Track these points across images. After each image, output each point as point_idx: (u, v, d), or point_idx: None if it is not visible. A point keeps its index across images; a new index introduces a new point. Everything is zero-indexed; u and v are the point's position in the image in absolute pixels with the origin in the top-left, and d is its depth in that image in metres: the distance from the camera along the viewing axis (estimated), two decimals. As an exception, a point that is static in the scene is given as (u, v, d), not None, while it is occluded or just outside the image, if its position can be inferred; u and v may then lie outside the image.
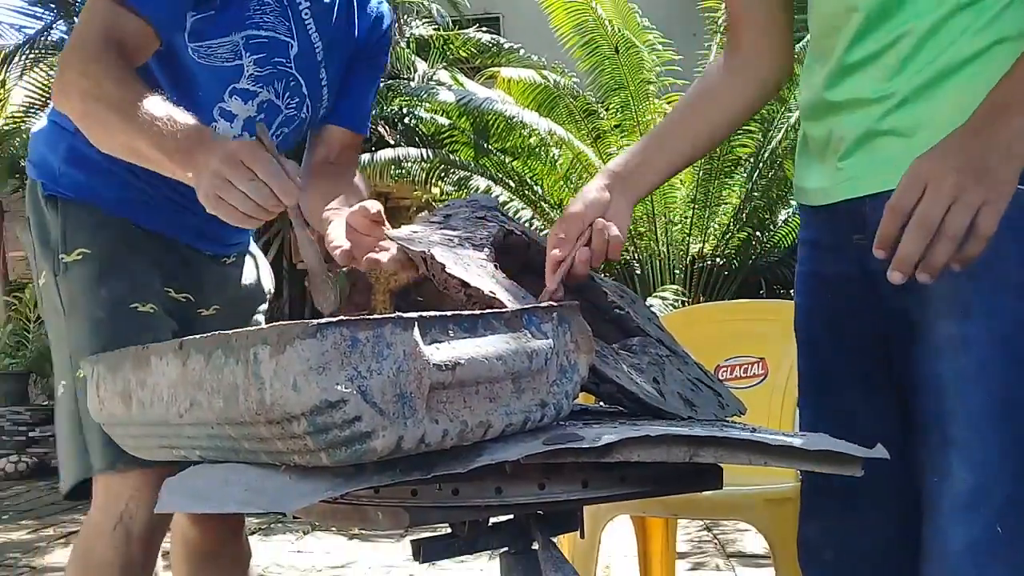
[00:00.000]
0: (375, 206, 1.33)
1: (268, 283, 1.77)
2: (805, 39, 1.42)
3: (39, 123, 1.60)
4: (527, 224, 6.13)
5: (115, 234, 1.51)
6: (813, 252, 1.28)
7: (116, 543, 1.43)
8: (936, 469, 1.10)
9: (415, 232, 1.34)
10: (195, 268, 1.60)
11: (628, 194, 1.29)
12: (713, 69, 1.37)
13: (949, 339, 1.08)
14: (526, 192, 6.51)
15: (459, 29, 8.00)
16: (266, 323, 1.73)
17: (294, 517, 1.54)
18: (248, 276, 1.72)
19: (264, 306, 1.76)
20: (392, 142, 7.02)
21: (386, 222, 1.35)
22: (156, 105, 1.25)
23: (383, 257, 1.32)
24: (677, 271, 6.11)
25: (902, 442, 1.18)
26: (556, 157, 6.46)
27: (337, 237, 1.39)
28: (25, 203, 1.61)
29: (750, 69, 1.33)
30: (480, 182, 6.38)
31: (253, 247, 1.77)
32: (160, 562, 1.55)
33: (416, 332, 0.87)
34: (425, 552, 1.10)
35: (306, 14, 1.54)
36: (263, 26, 1.49)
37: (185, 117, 1.25)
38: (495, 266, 1.28)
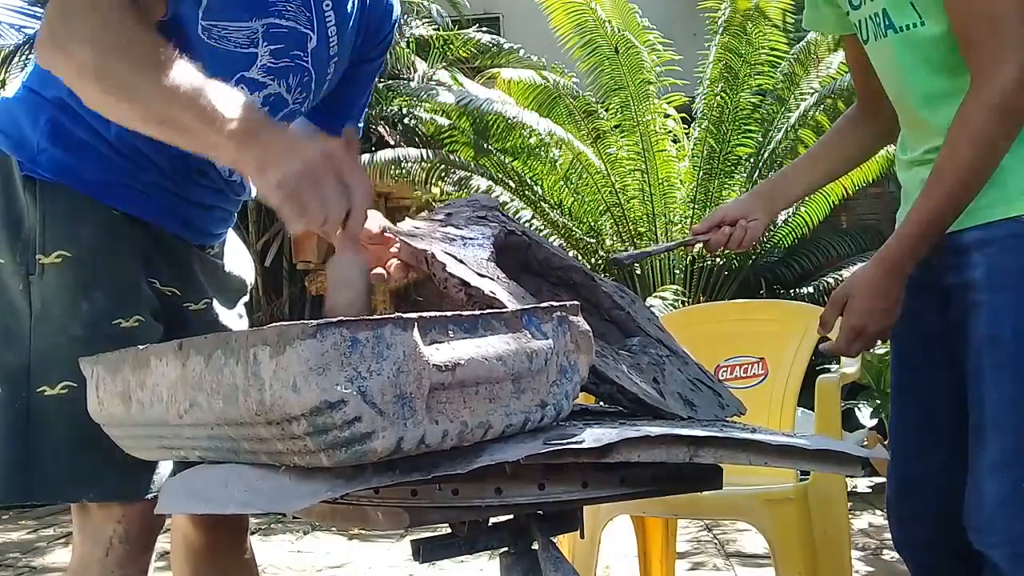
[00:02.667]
0: (380, 222, 1.35)
1: (249, 272, 1.68)
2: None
3: (11, 89, 1.47)
4: (527, 224, 6.13)
5: (99, 230, 1.37)
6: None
7: (111, 569, 1.36)
8: (976, 441, 1.43)
9: (417, 228, 1.34)
10: (181, 259, 1.49)
11: (768, 206, 1.78)
12: (844, 118, 1.81)
13: (986, 338, 1.42)
14: (526, 192, 6.50)
15: (459, 29, 8.00)
16: (249, 315, 1.68)
17: (294, 517, 1.53)
18: (230, 266, 1.62)
19: (246, 297, 1.66)
20: (392, 142, 7.02)
21: (390, 230, 1.36)
22: (191, 71, 1.13)
23: (388, 269, 1.37)
24: (677, 271, 6.10)
25: (967, 423, 1.48)
26: (556, 157, 6.45)
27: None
28: None
29: (869, 124, 1.75)
30: (480, 182, 6.37)
31: (233, 236, 1.66)
32: (155, 562, 1.51)
33: (416, 332, 0.87)
34: (425, 552, 1.10)
35: (327, 5, 1.43)
36: (285, 15, 1.38)
37: (230, 91, 1.13)
38: (496, 266, 1.28)
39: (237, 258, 1.64)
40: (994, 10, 1.32)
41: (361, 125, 1.71)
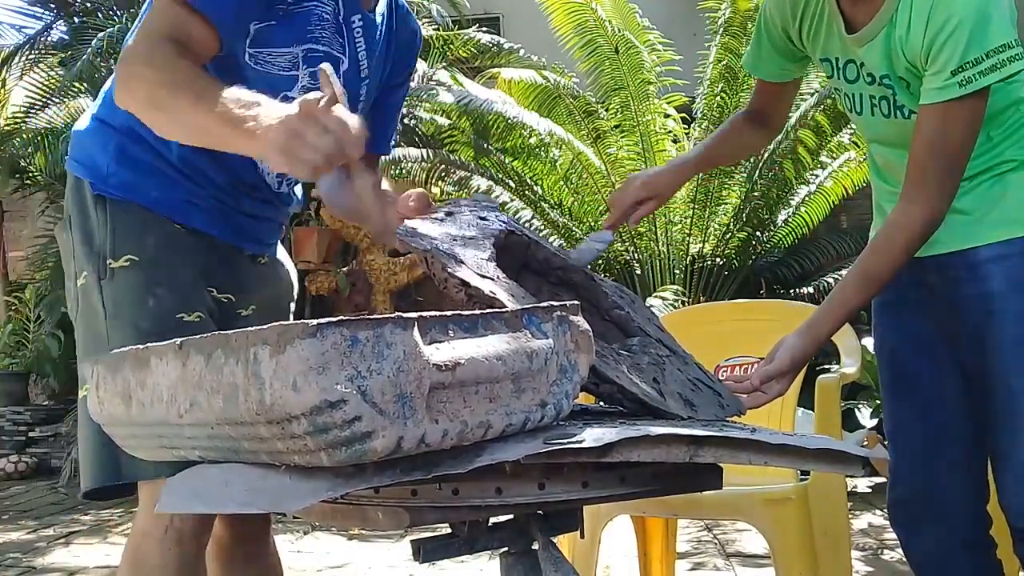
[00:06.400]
0: (423, 194, 1.48)
1: (295, 285, 1.82)
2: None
3: (82, 121, 1.61)
4: (527, 224, 6.12)
5: (162, 239, 1.52)
6: (893, 286, 1.67)
7: (168, 546, 1.46)
8: (1012, 431, 1.57)
9: (417, 229, 1.34)
10: (235, 268, 1.62)
11: (672, 186, 1.89)
12: (741, 121, 1.95)
13: (1012, 339, 1.57)
14: (526, 192, 6.49)
15: (459, 29, 7.99)
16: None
17: (294, 517, 1.55)
18: (281, 276, 1.75)
19: (292, 305, 1.80)
20: (392, 142, 7.01)
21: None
22: (223, 87, 1.30)
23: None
24: (677, 271, 6.09)
25: (972, 427, 1.67)
26: (556, 157, 6.44)
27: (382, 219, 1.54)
28: (67, 202, 1.60)
29: (758, 132, 1.95)
30: (480, 182, 6.36)
31: (282, 250, 1.80)
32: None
33: (416, 332, 0.87)
34: (425, 552, 1.10)
35: (358, 32, 1.57)
36: (322, 41, 1.52)
37: (252, 94, 1.28)
38: (496, 266, 1.28)
39: (284, 267, 1.79)
40: (951, 150, 1.52)
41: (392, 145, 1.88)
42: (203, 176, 1.55)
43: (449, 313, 0.94)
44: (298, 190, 1.72)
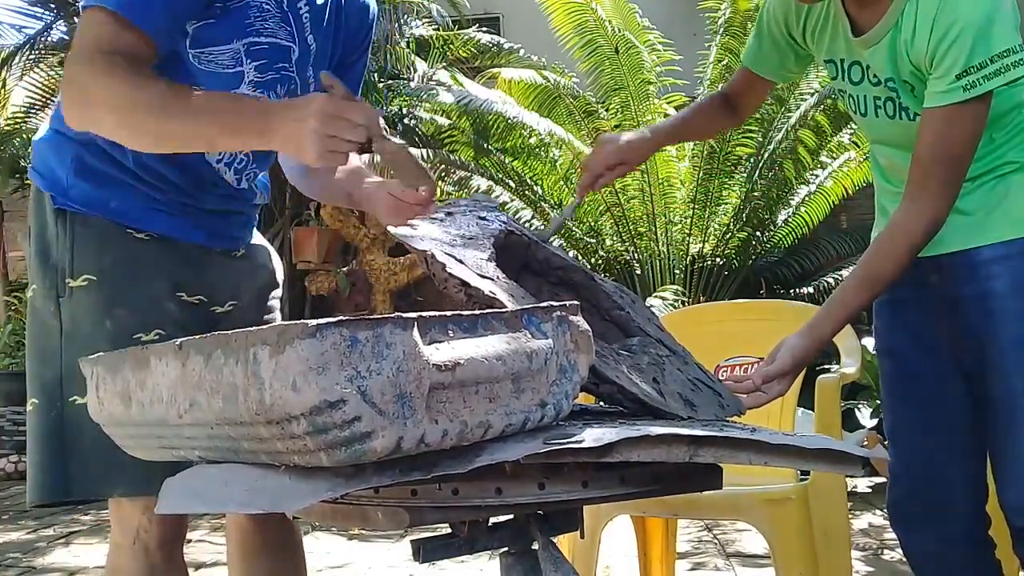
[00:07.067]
0: (427, 186, 1.53)
1: (279, 271, 1.80)
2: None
3: (41, 130, 1.59)
4: (527, 224, 6.12)
5: (122, 255, 1.51)
6: (894, 286, 1.66)
7: (136, 556, 1.53)
8: (1010, 429, 1.58)
9: (416, 229, 1.34)
10: (206, 267, 1.60)
11: (639, 154, 1.84)
12: (716, 103, 1.96)
13: (1012, 340, 1.58)
14: (526, 192, 6.50)
15: (459, 29, 8.00)
16: (281, 310, 1.78)
17: (294, 517, 1.55)
18: (260, 265, 1.73)
19: (278, 291, 1.78)
20: (392, 142, 7.01)
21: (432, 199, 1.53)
22: (196, 95, 1.34)
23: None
24: (677, 271, 6.10)
25: (972, 426, 1.68)
26: (556, 157, 6.45)
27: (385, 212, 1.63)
28: (29, 211, 1.59)
29: (729, 117, 1.98)
30: (480, 182, 6.37)
31: (259, 237, 1.77)
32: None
33: (416, 332, 0.87)
34: (425, 552, 1.10)
35: (305, 18, 1.55)
36: (264, 32, 1.50)
37: (231, 96, 1.34)
38: (495, 266, 1.28)
39: (263, 256, 1.76)
40: (955, 153, 1.52)
41: None
42: (162, 179, 1.53)
43: (449, 313, 0.94)
44: (259, 183, 1.71)
